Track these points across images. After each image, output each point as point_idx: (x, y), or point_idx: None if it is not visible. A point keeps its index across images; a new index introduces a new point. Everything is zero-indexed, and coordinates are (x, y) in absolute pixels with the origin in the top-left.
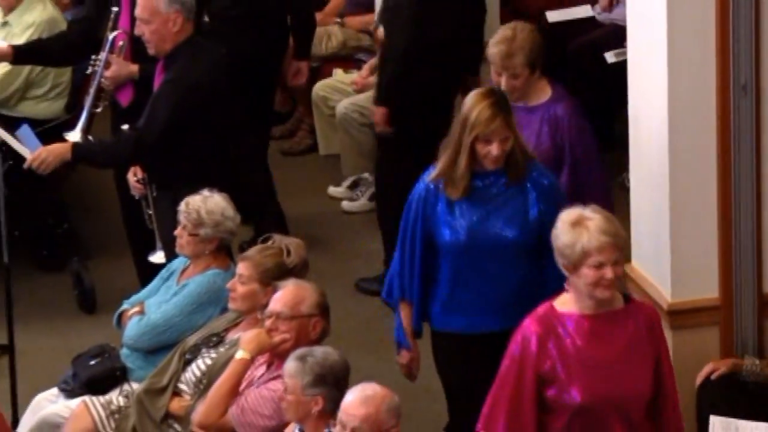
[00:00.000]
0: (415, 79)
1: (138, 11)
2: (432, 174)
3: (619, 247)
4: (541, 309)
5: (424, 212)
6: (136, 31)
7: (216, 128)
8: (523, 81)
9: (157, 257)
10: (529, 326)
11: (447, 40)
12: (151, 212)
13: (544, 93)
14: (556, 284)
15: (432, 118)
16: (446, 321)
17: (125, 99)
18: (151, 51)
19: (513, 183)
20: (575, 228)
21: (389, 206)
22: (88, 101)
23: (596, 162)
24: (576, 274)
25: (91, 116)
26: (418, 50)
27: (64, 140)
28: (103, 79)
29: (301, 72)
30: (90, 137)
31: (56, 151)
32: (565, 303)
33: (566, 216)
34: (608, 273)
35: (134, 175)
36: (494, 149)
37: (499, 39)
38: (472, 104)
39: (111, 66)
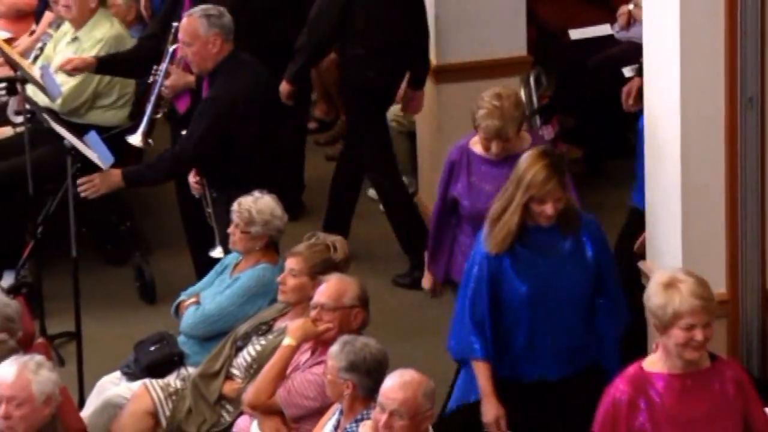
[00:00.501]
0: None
1: (180, 35)
2: (487, 237)
3: (711, 310)
4: (630, 369)
5: (489, 275)
6: (180, 53)
7: (262, 135)
8: (512, 142)
9: (217, 252)
10: (619, 386)
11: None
12: (210, 211)
13: (524, 140)
14: (614, 321)
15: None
16: (521, 372)
17: (182, 106)
18: (194, 70)
19: (568, 235)
20: (667, 290)
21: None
22: (148, 108)
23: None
24: (666, 335)
25: (152, 122)
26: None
27: (128, 144)
28: (163, 88)
29: (415, 100)
30: (150, 140)
31: (109, 180)
32: (654, 363)
33: (659, 277)
34: (698, 335)
35: (194, 177)
36: (548, 209)
37: (488, 112)
38: (528, 165)
39: (170, 76)
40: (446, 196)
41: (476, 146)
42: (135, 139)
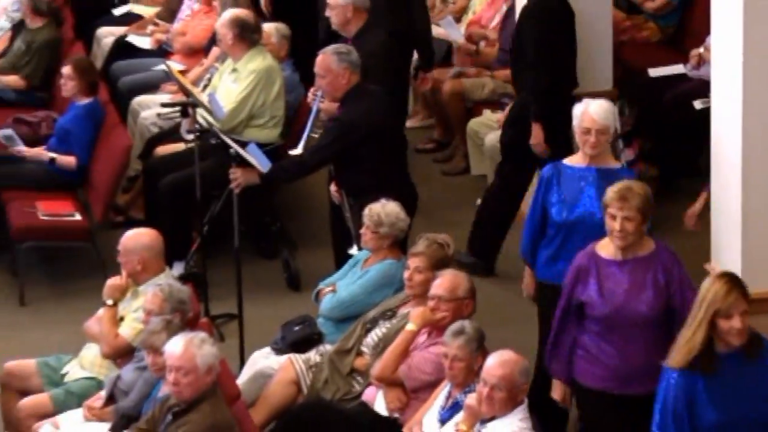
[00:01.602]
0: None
1: (315, 68)
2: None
3: None
4: None
5: (685, 400)
6: (315, 83)
7: (385, 152)
8: (637, 245)
9: (353, 250)
10: None
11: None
12: (347, 215)
13: (649, 245)
14: None
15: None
16: None
17: None
18: (327, 99)
19: (753, 358)
20: None
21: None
22: (308, 126)
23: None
24: None
25: (309, 138)
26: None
27: (288, 156)
28: (320, 111)
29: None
30: None
31: (248, 174)
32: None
33: None
34: None
35: (335, 187)
36: (736, 322)
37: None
38: (708, 285)
39: (326, 100)
40: (572, 299)
41: (602, 250)
42: (296, 152)
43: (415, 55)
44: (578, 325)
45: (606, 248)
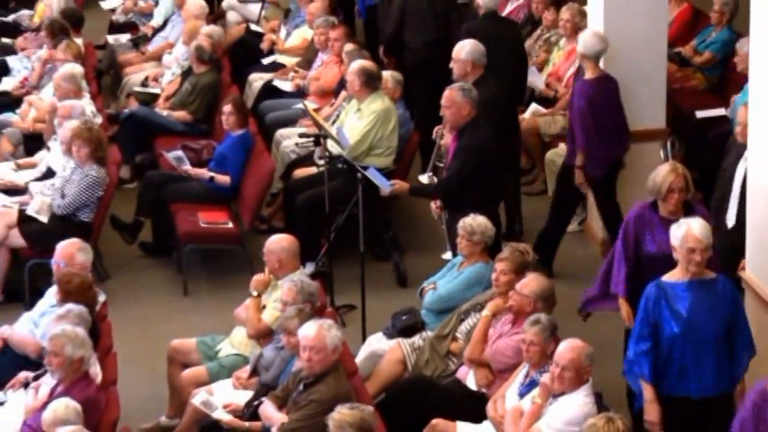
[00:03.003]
0: None
1: (442, 101)
2: None
3: None
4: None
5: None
6: (442, 113)
7: (491, 174)
8: None
9: (448, 255)
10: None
11: None
12: (444, 227)
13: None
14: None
15: None
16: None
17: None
18: (448, 127)
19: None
20: None
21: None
22: (433, 156)
23: None
24: None
25: (435, 167)
26: None
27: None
28: (442, 146)
29: None
30: (435, 177)
31: (401, 188)
32: None
33: None
34: None
35: (435, 204)
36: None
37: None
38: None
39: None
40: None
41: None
42: (424, 178)
43: None
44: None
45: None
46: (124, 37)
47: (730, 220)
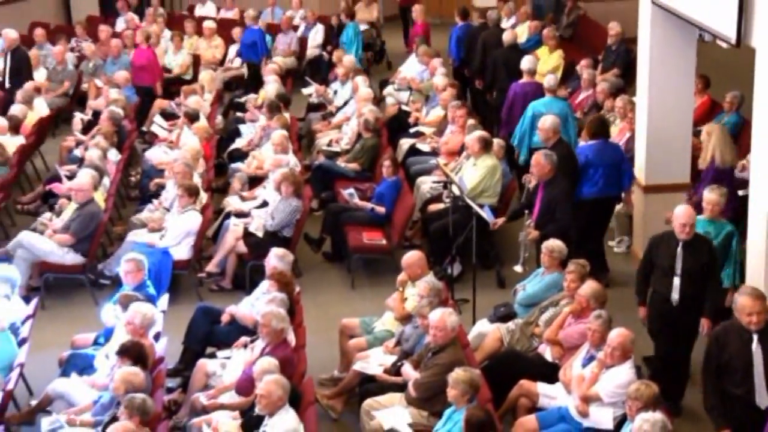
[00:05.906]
0: None
1: (532, 160)
2: None
3: None
4: None
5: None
6: (530, 170)
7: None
8: None
9: (519, 268)
10: None
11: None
12: (522, 250)
13: None
14: None
15: None
16: None
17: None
18: (536, 178)
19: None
20: None
21: None
22: (523, 197)
23: None
24: None
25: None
26: None
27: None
28: (529, 186)
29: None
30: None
31: (500, 221)
32: None
33: None
34: None
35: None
36: None
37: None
38: None
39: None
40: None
41: None
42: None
43: None
44: None
45: None
46: (317, 114)
47: None
